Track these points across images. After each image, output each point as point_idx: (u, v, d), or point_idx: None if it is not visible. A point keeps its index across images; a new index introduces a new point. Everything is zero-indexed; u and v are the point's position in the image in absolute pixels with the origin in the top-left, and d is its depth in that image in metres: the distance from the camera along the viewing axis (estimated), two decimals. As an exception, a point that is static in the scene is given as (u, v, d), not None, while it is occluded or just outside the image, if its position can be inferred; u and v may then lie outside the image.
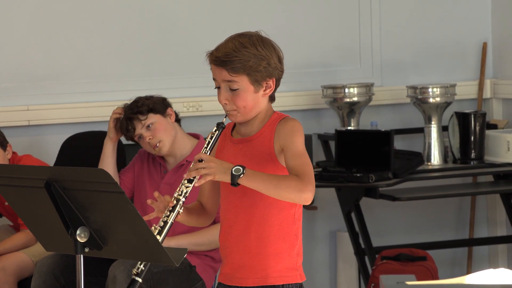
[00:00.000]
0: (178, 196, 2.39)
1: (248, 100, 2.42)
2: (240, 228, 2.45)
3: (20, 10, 4.16)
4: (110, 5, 4.26)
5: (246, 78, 2.41)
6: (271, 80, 2.45)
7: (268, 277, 2.44)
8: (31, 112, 4.18)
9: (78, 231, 2.31)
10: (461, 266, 4.74)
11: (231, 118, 2.45)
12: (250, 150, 2.44)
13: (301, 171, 2.35)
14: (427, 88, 4.35)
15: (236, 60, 2.40)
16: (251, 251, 2.44)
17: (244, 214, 2.44)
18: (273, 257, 2.44)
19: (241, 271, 2.46)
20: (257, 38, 2.44)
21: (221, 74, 2.43)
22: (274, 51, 2.45)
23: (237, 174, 2.31)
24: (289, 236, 2.45)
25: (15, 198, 2.42)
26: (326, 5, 4.52)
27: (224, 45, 2.45)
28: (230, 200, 2.46)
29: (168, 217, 2.40)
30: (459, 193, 4.50)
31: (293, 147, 2.39)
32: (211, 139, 2.42)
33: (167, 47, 4.34)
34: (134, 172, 3.69)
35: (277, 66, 2.45)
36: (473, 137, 4.32)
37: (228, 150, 2.48)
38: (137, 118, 3.58)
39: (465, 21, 4.69)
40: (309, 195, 2.35)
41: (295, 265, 2.47)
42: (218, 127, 2.43)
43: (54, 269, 3.49)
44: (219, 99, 2.44)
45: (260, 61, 2.41)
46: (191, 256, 3.52)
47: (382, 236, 4.59)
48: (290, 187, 2.34)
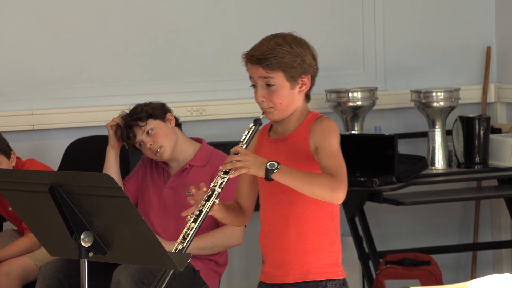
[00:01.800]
0: (214, 186, 2.42)
1: (284, 96, 2.46)
2: (280, 226, 2.48)
3: (24, 15, 4.17)
4: (113, 10, 4.27)
5: (282, 75, 2.46)
6: (306, 77, 2.49)
7: (308, 273, 2.47)
8: (35, 117, 4.19)
9: (82, 236, 2.31)
10: (466, 270, 4.74)
11: (268, 116, 2.49)
12: (287, 148, 2.47)
13: (334, 171, 2.39)
14: (431, 92, 4.34)
15: (271, 57, 2.45)
16: (290, 248, 2.47)
17: (282, 212, 2.47)
18: (313, 253, 2.47)
19: (281, 269, 2.49)
20: (291, 37, 2.51)
21: (257, 72, 2.47)
22: (308, 49, 2.51)
23: (272, 169, 2.35)
24: (329, 232, 2.48)
25: (19, 202, 2.42)
26: (329, 10, 4.52)
27: (259, 44, 2.50)
28: (269, 199, 2.49)
29: (203, 206, 2.42)
30: (463, 198, 4.49)
31: (328, 146, 2.43)
32: (248, 133, 2.45)
33: (171, 51, 4.34)
34: (138, 178, 3.69)
35: (312, 64, 2.50)
36: (477, 141, 4.31)
37: (265, 150, 2.51)
38: (137, 124, 3.59)
39: (469, 25, 4.69)
40: (341, 195, 2.39)
41: (336, 261, 2.50)
42: (255, 123, 2.47)
43: (58, 273, 3.49)
44: (256, 97, 2.48)
45: (294, 57, 2.46)
46: (194, 261, 3.52)
47: (386, 240, 4.58)
48: (323, 185, 2.37)
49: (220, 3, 4.40)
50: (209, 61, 4.38)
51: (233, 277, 4.49)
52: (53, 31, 4.20)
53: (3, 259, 3.70)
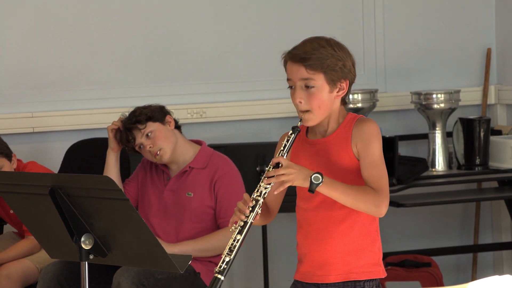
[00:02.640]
0: (257, 197, 2.40)
1: (323, 99, 2.45)
2: (321, 227, 2.47)
3: (24, 18, 4.17)
4: (114, 13, 4.27)
5: (323, 77, 2.45)
6: (345, 82, 2.48)
7: (350, 273, 2.47)
8: (35, 119, 4.19)
9: (82, 238, 2.31)
10: (466, 272, 4.73)
11: (305, 123, 2.47)
12: (328, 150, 2.47)
13: (377, 184, 2.40)
14: (431, 94, 4.34)
15: (314, 57, 2.43)
16: (332, 248, 2.47)
17: (325, 212, 2.47)
18: (355, 253, 2.47)
19: (322, 269, 2.48)
20: (334, 41, 2.49)
21: (298, 72, 2.45)
22: (349, 55, 2.50)
23: (316, 183, 2.34)
24: (371, 232, 2.48)
25: (19, 205, 2.42)
26: (329, 11, 4.52)
27: (303, 44, 2.48)
28: (310, 200, 2.48)
29: (248, 217, 2.39)
30: (464, 199, 4.49)
31: (370, 155, 2.42)
32: (287, 142, 2.44)
33: (171, 54, 4.34)
34: (138, 181, 3.69)
35: (351, 70, 2.49)
36: (478, 143, 4.31)
37: (304, 152, 2.49)
38: (136, 127, 3.59)
39: (469, 27, 4.69)
40: (384, 210, 2.41)
41: (377, 260, 2.50)
42: (294, 130, 2.45)
43: (58, 276, 3.49)
44: (293, 98, 2.47)
45: (337, 61, 2.45)
46: (195, 263, 3.52)
47: (386, 242, 4.56)
48: (368, 201, 2.38)
49: (220, 6, 4.40)
50: (209, 64, 4.38)
51: (233, 279, 4.49)
52: (53, 34, 4.20)
53: (3, 261, 3.70)
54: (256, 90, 4.42)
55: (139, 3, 4.31)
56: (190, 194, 3.57)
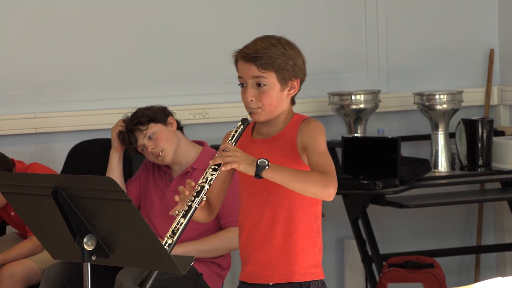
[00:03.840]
0: (203, 183, 2.42)
1: (274, 98, 2.47)
2: (266, 227, 2.48)
3: (27, 19, 4.18)
4: (116, 14, 4.27)
5: (274, 75, 2.47)
6: (296, 81, 2.50)
7: (293, 274, 2.48)
8: (38, 120, 4.19)
9: (85, 239, 2.31)
10: (469, 273, 4.73)
11: (254, 116, 2.49)
12: (274, 149, 2.48)
13: (325, 167, 2.40)
14: (434, 95, 4.34)
15: (265, 56, 2.45)
16: (277, 249, 2.48)
17: (270, 212, 2.48)
18: (298, 254, 2.48)
19: (266, 269, 2.49)
20: (284, 40, 2.52)
21: (249, 70, 2.48)
22: (300, 54, 2.52)
23: (262, 166, 2.35)
24: (312, 233, 2.49)
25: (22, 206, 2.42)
26: (332, 12, 4.52)
27: (253, 43, 2.50)
28: (254, 200, 2.49)
29: (192, 202, 2.41)
30: (467, 200, 4.49)
31: (316, 146, 2.44)
32: (236, 132, 2.47)
33: (174, 54, 4.34)
34: (140, 182, 3.69)
35: (302, 69, 2.51)
36: (480, 144, 4.31)
37: (251, 151, 2.49)
38: (138, 129, 3.59)
39: (472, 28, 4.68)
40: (333, 191, 2.39)
41: (317, 262, 2.51)
42: (243, 122, 2.48)
43: (61, 276, 3.50)
44: (244, 97, 2.49)
45: (288, 59, 2.47)
46: (198, 264, 3.52)
47: (389, 243, 4.58)
48: (315, 181, 2.37)
49: (223, 7, 4.40)
50: (211, 64, 4.38)
51: (235, 280, 4.48)
52: (55, 35, 4.20)
53: (6, 262, 3.70)
54: (259, 91, 4.41)
55: (141, 4, 4.31)
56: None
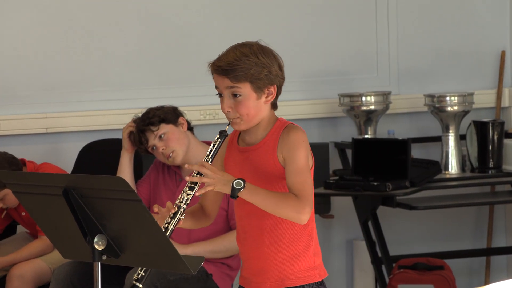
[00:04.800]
0: (180, 203, 2.42)
1: (250, 107, 2.46)
2: (254, 235, 2.48)
3: (38, 20, 4.19)
4: (127, 15, 4.28)
5: (249, 85, 2.45)
6: (273, 87, 2.48)
7: (285, 280, 2.47)
8: (49, 120, 4.20)
9: (95, 239, 2.32)
10: (479, 275, 4.71)
11: (234, 126, 2.49)
12: (255, 158, 2.47)
13: (299, 190, 2.38)
14: (444, 96, 4.33)
15: (238, 68, 2.44)
16: (266, 256, 2.48)
17: (256, 220, 2.47)
18: (289, 260, 2.47)
19: (258, 276, 2.49)
20: (257, 47, 2.49)
21: (223, 82, 2.47)
22: (274, 59, 2.49)
23: (238, 188, 2.35)
24: (303, 238, 2.48)
25: (33, 205, 2.43)
26: (343, 14, 4.52)
27: (226, 54, 2.49)
28: (243, 207, 2.49)
29: (169, 224, 2.42)
30: (477, 202, 4.47)
31: (294, 162, 2.42)
32: (213, 147, 2.45)
33: (184, 55, 4.35)
34: (150, 182, 3.70)
35: (278, 74, 2.49)
36: (491, 146, 4.30)
37: (234, 159, 2.50)
38: (149, 129, 3.59)
39: (483, 30, 4.67)
40: (306, 217, 2.39)
41: (312, 264, 2.50)
42: (221, 135, 2.47)
43: (71, 276, 3.50)
44: (222, 107, 2.49)
45: (261, 69, 2.45)
46: (207, 264, 3.52)
47: (399, 245, 4.57)
48: (288, 207, 2.37)
49: (233, 7, 4.40)
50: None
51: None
52: (67, 35, 4.21)
53: (17, 261, 3.71)
54: (269, 92, 4.41)
55: (153, 5, 4.31)
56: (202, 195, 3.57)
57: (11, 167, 3.66)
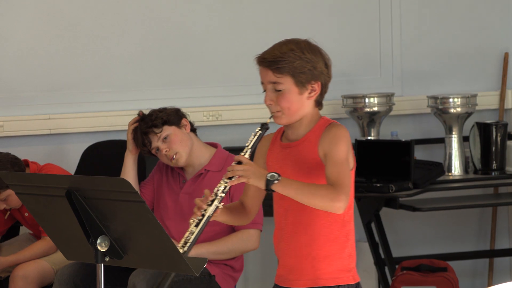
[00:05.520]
0: (217, 191, 2.42)
1: (292, 101, 2.46)
2: (290, 231, 2.49)
3: (41, 21, 4.19)
4: (130, 16, 4.28)
5: (291, 79, 2.45)
6: (316, 83, 2.48)
7: (319, 279, 2.47)
8: (52, 121, 4.20)
9: (98, 240, 2.32)
10: (482, 277, 4.71)
11: (275, 120, 2.49)
12: (296, 155, 2.47)
13: (336, 180, 2.38)
14: (448, 98, 4.33)
15: (281, 61, 2.45)
16: (301, 254, 2.48)
17: (293, 217, 2.47)
18: (323, 259, 2.47)
19: (292, 273, 2.50)
20: (305, 43, 2.51)
21: (266, 75, 2.48)
22: (321, 57, 2.50)
23: (271, 180, 2.35)
24: (339, 238, 2.48)
25: (36, 206, 2.43)
26: (346, 15, 4.52)
27: (272, 48, 2.50)
28: (281, 204, 2.49)
29: (206, 211, 2.41)
30: (480, 204, 4.47)
31: (334, 155, 2.41)
32: (254, 138, 2.47)
33: (187, 56, 4.35)
34: (154, 183, 3.70)
35: (323, 71, 2.49)
36: (495, 147, 4.29)
37: (276, 155, 2.51)
38: (152, 131, 3.59)
39: (486, 31, 4.67)
40: (341, 205, 2.37)
41: (347, 266, 2.50)
42: (262, 128, 2.49)
43: (74, 277, 3.50)
44: (264, 100, 2.49)
45: (305, 63, 2.46)
46: (210, 266, 3.52)
47: (402, 246, 4.57)
48: (323, 196, 2.36)
49: (237, 9, 4.40)
50: (225, 66, 4.38)
51: (248, 282, 4.48)
52: (70, 36, 4.22)
53: (19, 262, 3.72)
54: (272, 93, 4.41)
55: (155, 6, 4.32)
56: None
57: (14, 168, 3.66)
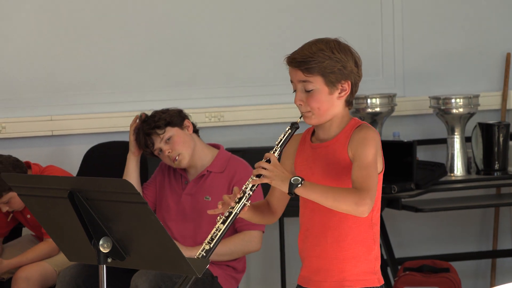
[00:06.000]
0: (245, 188, 2.42)
1: (322, 101, 2.44)
2: (317, 232, 2.47)
3: (44, 22, 4.19)
4: (132, 17, 4.28)
5: (321, 79, 2.44)
6: (347, 83, 2.46)
7: (344, 281, 2.45)
8: (54, 122, 4.21)
9: (101, 242, 2.32)
10: (485, 278, 4.71)
11: (306, 120, 2.48)
12: (326, 155, 2.46)
13: (361, 184, 2.36)
14: (450, 98, 4.32)
15: (311, 61, 2.43)
16: (327, 255, 2.46)
17: (320, 218, 2.46)
18: (350, 261, 2.45)
19: (318, 274, 2.48)
20: (334, 43, 2.49)
21: (296, 75, 2.46)
22: (351, 56, 2.48)
23: (295, 184, 2.34)
24: (366, 240, 2.46)
25: (38, 208, 2.43)
26: (348, 15, 4.51)
27: (301, 48, 2.48)
28: (307, 205, 2.48)
29: (233, 208, 2.41)
30: (483, 205, 4.47)
31: (361, 157, 2.40)
32: (284, 137, 2.46)
33: (190, 57, 4.35)
34: (156, 185, 3.70)
35: (353, 70, 2.47)
36: (497, 148, 4.29)
37: (305, 155, 2.49)
38: (155, 132, 3.59)
39: (489, 32, 4.67)
40: (365, 208, 2.35)
41: (373, 269, 2.47)
42: (292, 127, 2.47)
43: (76, 279, 3.50)
44: (294, 100, 2.48)
45: (335, 63, 2.44)
46: (213, 267, 3.52)
47: (404, 247, 4.56)
48: (347, 200, 2.34)
49: (239, 10, 4.40)
50: (227, 67, 4.38)
51: (251, 283, 4.48)
52: (72, 38, 4.22)
53: (22, 264, 3.72)
54: (274, 94, 4.42)
55: (157, 7, 4.32)
56: (208, 198, 3.57)
57: (15, 170, 3.67)
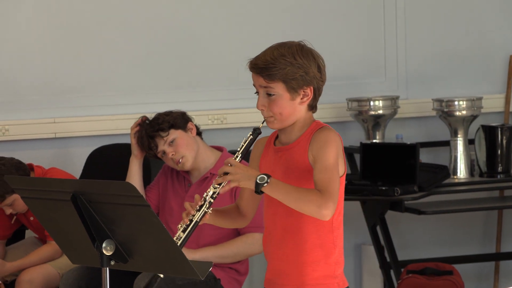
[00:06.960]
0: (206, 196, 2.43)
1: (284, 107, 2.46)
2: (278, 236, 2.48)
3: (47, 24, 4.20)
4: (135, 19, 4.29)
5: (282, 85, 2.45)
6: (309, 88, 2.47)
7: (304, 285, 2.47)
8: (57, 125, 4.21)
9: (104, 244, 2.32)
10: (488, 280, 4.70)
11: (268, 124, 2.50)
12: (288, 158, 2.47)
13: (324, 187, 2.37)
14: (453, 101, 4.32)
15: (272, 67, 2.44)
16: (288, 258, 2.47)
17: (281, 222, 2.47)
18: (310, 265, 2.46)
19: (279, 278, 2.49)
20: (297, 47, 2.48)
21: (258, 81, 2.48)
22: (313, 61, 2.47)
23: (261, 183, 2.35)
24: (326, 244, 2.46)
25: (41, 211, 2.43)
26: (351, 18, 4.52)
27: (264, 53, 2.49)
28: (270, 208, 2.49)
29: (194, 216, 2.42)
30: (486, 207, 4.46)
31: (322, 159, 2.40)
32: (245, 143, 2.48)
33: (193, 60, 4.35)
34: (159, 187, 3.70)
35: (316, 75, 2.47)
36: (500, 150, 4.29)
37: (269, 158, 2.51)
38: (159, 135, 3.59)
39: (491, 34, 4.67)
40: (328, 212, 2.36)
41: (333, 273, 2.48)
42: (254, 132, 2.49)
43: (79, 281, 3.51)
44: (257, 105, 2.50)
45: (297, 69, 2.44)
46: (215, 269, 3.52)
47: (407, 249, 4.56)
48: (310, 201, 2.35)
49: (242, 13, 4.41)
50: (230, 70, 4.39)
51: (253, 285, 4.48)
52: (75, 40, 4.22)
53: (25, 266, 3.72)
54: (277, 97, 4.41)
55: (160, 10, 4.32)
56: (211, 201, 3.57)
57: (19, 172, 3.67)
